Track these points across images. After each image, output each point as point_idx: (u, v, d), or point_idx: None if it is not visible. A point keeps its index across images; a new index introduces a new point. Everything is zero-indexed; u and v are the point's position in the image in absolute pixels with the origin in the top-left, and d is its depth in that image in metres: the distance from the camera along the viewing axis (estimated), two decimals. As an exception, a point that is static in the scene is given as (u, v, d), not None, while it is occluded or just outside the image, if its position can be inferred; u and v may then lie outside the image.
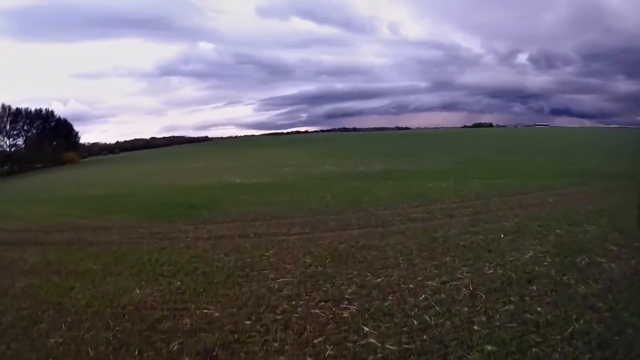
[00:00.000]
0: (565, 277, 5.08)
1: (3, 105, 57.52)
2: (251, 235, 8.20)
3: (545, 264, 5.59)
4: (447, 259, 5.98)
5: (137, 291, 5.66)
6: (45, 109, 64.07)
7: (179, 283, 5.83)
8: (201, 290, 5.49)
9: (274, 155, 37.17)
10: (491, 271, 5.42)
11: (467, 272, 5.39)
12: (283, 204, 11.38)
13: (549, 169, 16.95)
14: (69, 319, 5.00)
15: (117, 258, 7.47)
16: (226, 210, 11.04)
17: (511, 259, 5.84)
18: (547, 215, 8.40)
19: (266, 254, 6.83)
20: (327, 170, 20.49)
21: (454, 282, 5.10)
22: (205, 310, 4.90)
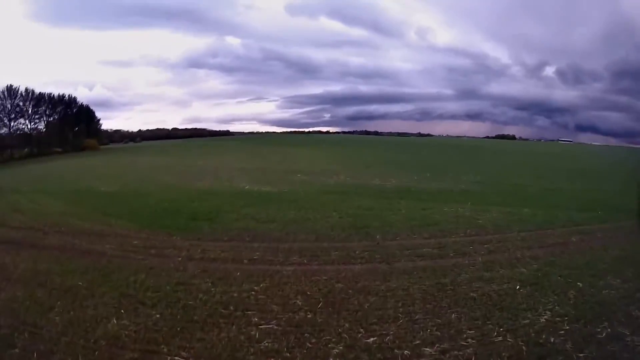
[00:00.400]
0: (582, 355, 4.38)
1: (26, 89, 58.25)
2: (245, 261, 7.71)
3: (561, 332, 4.84)
4: (453, 316, 5.29)
5: (114, 321, 5.27)
6: (69, 95, 65.19)
7: (157, 316, 5.40)
8: (178, 329, 5.02)
9: (290, 158, 36.54)
10: (500, 338, 4.72)
11: (473, 339, 4.71)
12: (286, 222, 10.89)
13: (574, 198, 15.86)
14: (41, 347, 4.69)
15: (104, 275, 7.20)
16: (227, 225, 10.66)
17: (525, 322, 5.11)
18: (569, 261, 7.56)
19: (256, 288, 6.31)
20: (340, 182, 19.72)
21: (455, 352, 4.44)
22: (176, 357, 4.48)
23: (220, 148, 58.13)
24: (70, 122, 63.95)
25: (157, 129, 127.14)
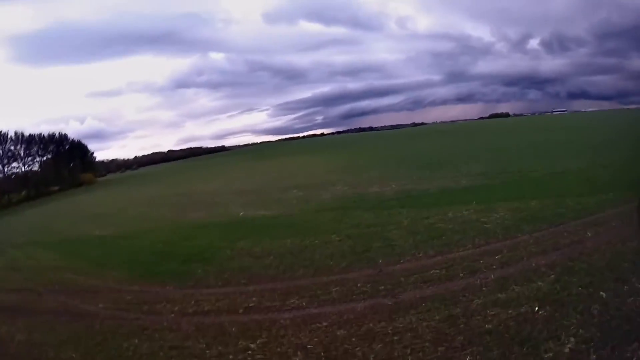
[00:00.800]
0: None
1: (16, 133, 58.05)
2: (240, 311, 7.20)
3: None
4: (468, 358, 4.73)
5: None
6: (59, 133, 65.23)
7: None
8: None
9: (285, 171, 35.65)
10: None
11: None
12: (283, 255, 10.31)
13: (581, 179, 15.25)
14: None
15: (98, 344, 6.88)
16: (221, 266, 10.15)
17: (548, 355, 4.54)
18: (588, 265, 6.96)
19: (252, 346, 5.80)
20: (338, 195, 18.61)
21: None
22: None
23: (216, 167, 57.73)
24: (64, 159, 63.88)
25: (153, 154, 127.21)
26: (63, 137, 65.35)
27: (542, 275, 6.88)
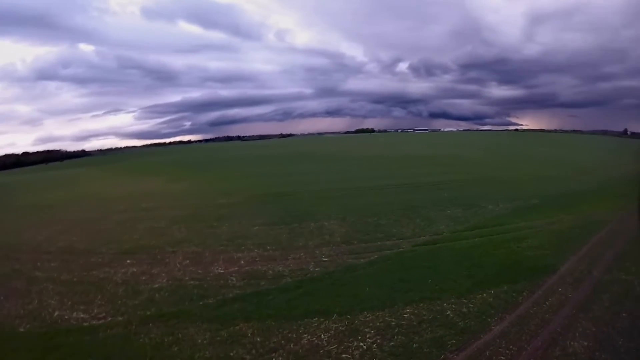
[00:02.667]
0: None
1: None
2: None
3: None
4: None
5: None
6: None
7: None
8: None
9: (124, 199, 27.60)
10: None
11: None
12: None
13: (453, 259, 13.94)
14: None
15: None
16: None
17: None
18: None
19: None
20: (164, 285, 11.84)
21: None
22: None
23: (63, 182, 44.26)
24: None
25: (5, 156, 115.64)
26: None
27: None
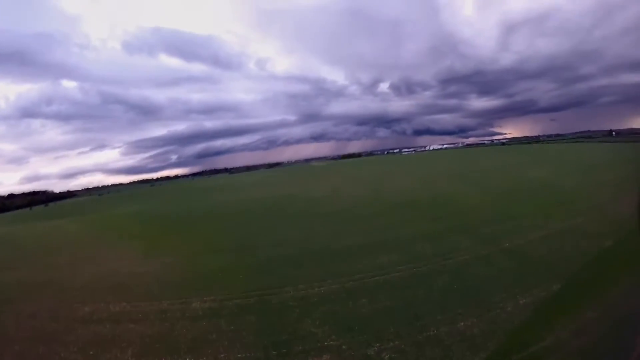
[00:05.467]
0: None
1: None
2: None
3: None
4: None
5: None
6: None
7: None
8: None
9: (87, 292, 23.30)
10: None
11: None
12: None
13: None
14: None
15: None
16: None
17: None
18: None
19: None
20: None
21: None
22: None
23: (45, 236, 39.84)
24: None
25: None
26: None
27: None
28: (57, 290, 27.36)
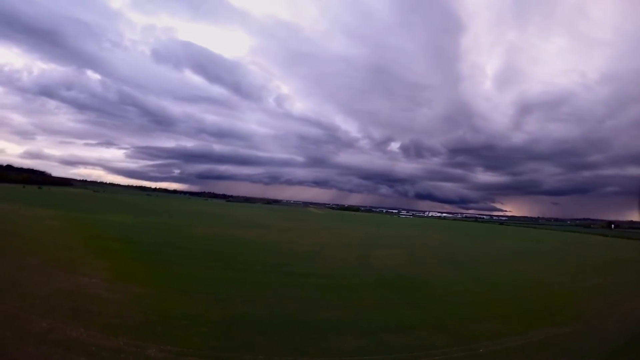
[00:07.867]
0: None
1: None
2: None
3: None
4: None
5: None
6: None
7: None
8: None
9: (51, 305, 22.83)
10: None
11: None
12: None
13: None
14: None
15: None
16: None
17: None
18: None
19: None
20: None
21: None
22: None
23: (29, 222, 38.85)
24: None
25: None
26: None
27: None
28: (21, 295, 26.82)
